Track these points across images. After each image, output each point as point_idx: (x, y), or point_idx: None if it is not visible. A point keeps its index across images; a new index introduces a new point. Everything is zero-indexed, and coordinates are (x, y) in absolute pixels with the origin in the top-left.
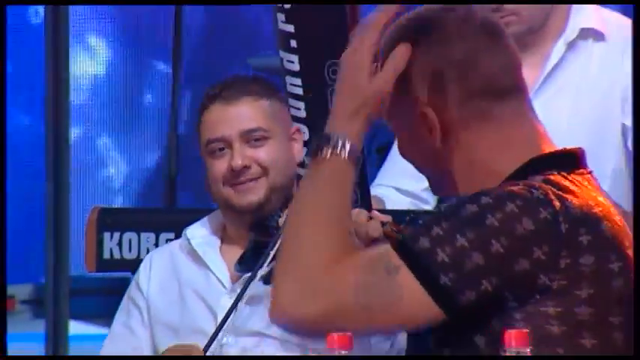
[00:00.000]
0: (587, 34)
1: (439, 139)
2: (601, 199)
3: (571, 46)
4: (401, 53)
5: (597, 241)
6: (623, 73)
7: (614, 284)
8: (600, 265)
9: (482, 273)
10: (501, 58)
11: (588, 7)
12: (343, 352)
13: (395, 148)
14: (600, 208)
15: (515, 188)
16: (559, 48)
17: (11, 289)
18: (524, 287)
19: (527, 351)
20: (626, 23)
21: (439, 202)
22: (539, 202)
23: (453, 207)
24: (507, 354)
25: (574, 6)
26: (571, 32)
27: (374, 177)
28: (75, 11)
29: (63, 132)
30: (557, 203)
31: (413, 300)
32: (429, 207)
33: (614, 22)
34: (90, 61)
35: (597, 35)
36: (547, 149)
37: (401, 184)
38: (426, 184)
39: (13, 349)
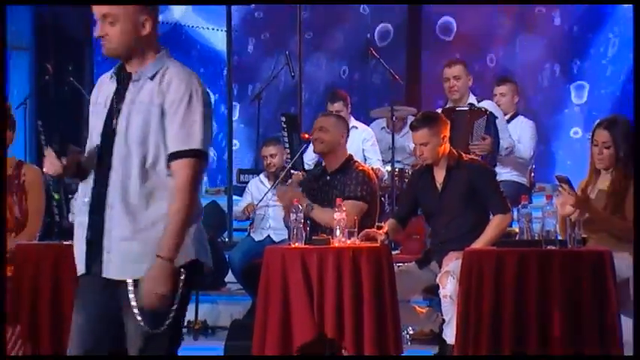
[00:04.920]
0: None
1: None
2: None
3: None
4: None
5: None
6: None
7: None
8: None
9: (369, 194)
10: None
11: None
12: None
13: None
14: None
15: (362, 167)
16: None
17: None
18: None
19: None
20: None
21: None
22: (372, 172)
23: (354, 180)
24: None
25: None
26: None
27: None
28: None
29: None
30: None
31: (363, 207)
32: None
33: None
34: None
35: None
36: None
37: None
38: None
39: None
